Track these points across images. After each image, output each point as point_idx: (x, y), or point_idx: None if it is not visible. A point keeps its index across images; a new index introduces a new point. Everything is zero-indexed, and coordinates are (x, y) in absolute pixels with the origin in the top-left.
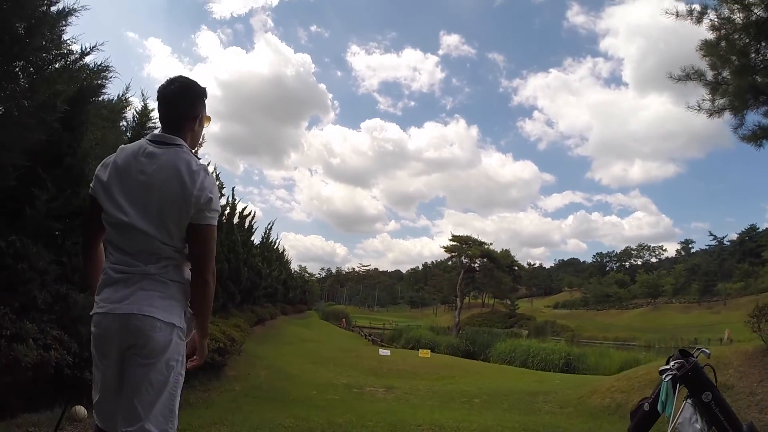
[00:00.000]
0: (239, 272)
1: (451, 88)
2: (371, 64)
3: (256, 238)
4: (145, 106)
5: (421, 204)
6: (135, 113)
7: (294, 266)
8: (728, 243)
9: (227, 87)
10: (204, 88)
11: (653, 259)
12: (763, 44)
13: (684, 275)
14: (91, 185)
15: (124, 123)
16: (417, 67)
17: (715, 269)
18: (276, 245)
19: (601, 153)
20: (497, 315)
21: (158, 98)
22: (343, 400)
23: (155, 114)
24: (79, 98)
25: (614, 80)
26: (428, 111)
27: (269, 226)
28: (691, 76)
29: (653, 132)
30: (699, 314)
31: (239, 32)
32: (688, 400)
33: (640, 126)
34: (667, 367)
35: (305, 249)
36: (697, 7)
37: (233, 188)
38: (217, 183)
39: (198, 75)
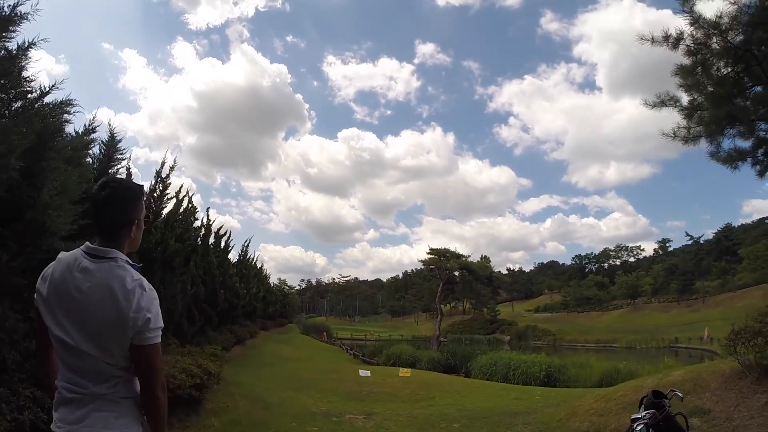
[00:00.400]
0: (216, 295)
1: (427, 96)
2: (347, 74)
3: (234, 254)
4: (111, 137)
5: (399, 212)
6: (102, 145)
7: (273, 279)
8: (704, 242)
9: (203, 98)
10: (140, 187)
11: (631, 259)
12: (740, 72)
13: (662, 275)
14: (35, 296)
15: (91, 157)
16: (393, 76)
17: (692, 268)
18: (254, 261)
19: (576, 156)
20: (478, 322)
21: (91, 204)
22: None
23: (123, 144)
24: (38, 144)
25: (588, 85)
26: (405, 119)
27: (246, 243)
28: (666, 102)
29: (627, 134)
30: (678, 313)
31: (215, 43)
32: None
33: (614, 129)
34: (639, 416)
35: (284, 260)
36: (673, 32)
37: (207, 209)
38: (192, 202)
39: (174, 86)
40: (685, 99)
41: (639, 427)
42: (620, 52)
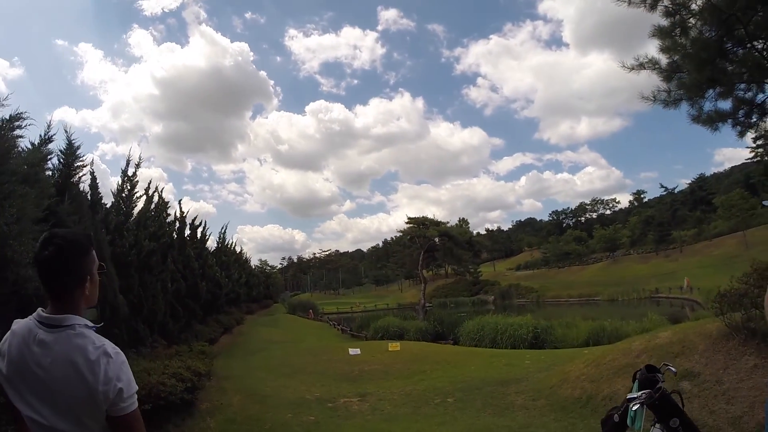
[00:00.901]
0: (197, 288)
1: (392, 63)
2: (310, 46)
3: (212, 241)
4: (69, 144)
5: (374, 181)
6: (60, 154)
7: (254, 260)
8: (679, 192)
9: (165, 84)
10: (88, 237)
11: (607, 212)
12: (723, 34)
13: (639, 227)
14: None
15: (50, 168)
16: (357, 45)
17: (668, 219)
18: (233, 246)
19: (547, 113)
20: (462, 284)
21: (35, 264)
22: (318, 423)
23: (83, 151)
24: None
25: (555, 42)
26: (372, 88)
27: (223, 230)
28: (644, 65)
29: (597, 89)
30: (657, 263)
31: (172, 27)
32: (657, 425)
33: (583, 84)
34: (635, 396)
35: (263, 240)
36: None
37: (180, 201)
38: (162, 197)
39: (134, 76)
40: (663, 61)
41: (635, 407)
42: (586, 7)
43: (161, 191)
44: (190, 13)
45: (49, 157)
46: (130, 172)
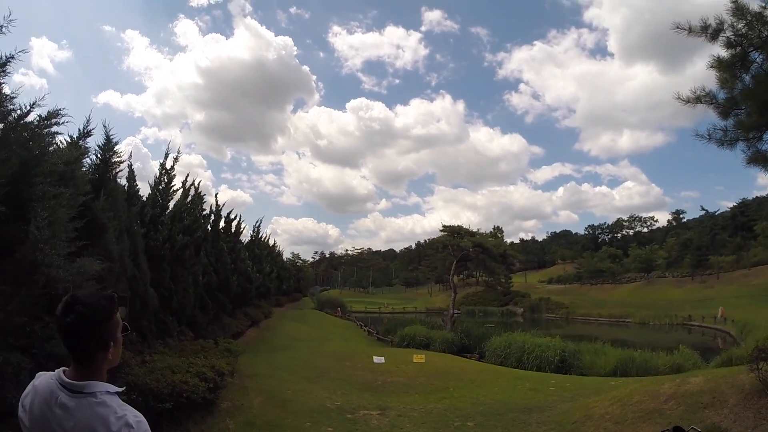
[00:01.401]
0: (228, 282)
1: (435, 64)
2: (353, 44)
3: (247, 232)
4: (108, 139)
5: (410, 181)
6: (97, 149)
7: (287, 253)
8: (719, 215)
9: (209, 75)
10: (111, 301)
11: (645, 230)
12: None
13: (677, 249)
14: (19, 420)
15: (87, 163)
16: (400, 45)
17: (707, 243)
18: (266, 239)
19: (588, 124)
20: (492, 293)
21: (57, 329)
22: None
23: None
24: (23, 171)
25: (599, 51)
26: (413, 88)
27: (258, 223)
28: (702, 99)
29: (641, 102)
30: (692, 288)
31: (218, 18)
32: None
33: (627, 96)
34: None
35: (297, 232)
36: (712, 23)
37: (216, 194)
38: (198, 190)
39: (178, 64)
40: (721, 95)
41: None
42: (632, 16)
43: (199, 184)
44: (236, 5)
45: (86, 153)
46: (168, 165)
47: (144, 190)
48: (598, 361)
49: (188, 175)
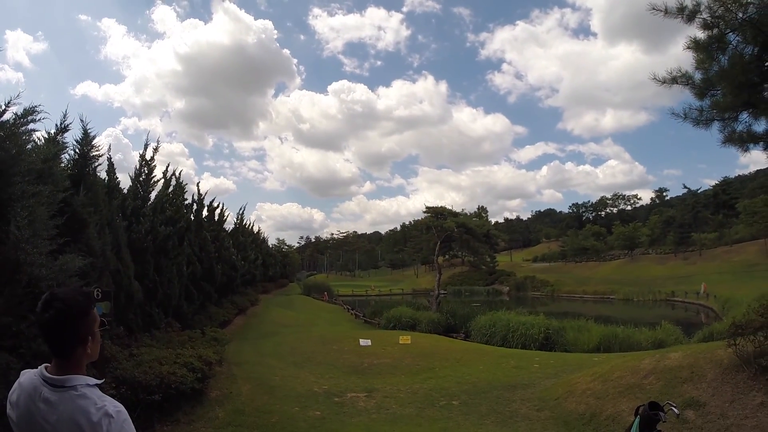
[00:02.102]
0: (213, 271)
1: (417, 45)
2: (334, 26)
3: (230, 220)
4: (85, 134)
5: (394, 163)
6: (75, 143)
7: (272, 239)
8: (702, 193)
9: (188, 61)
10: (88, 298)
11: (628, 208)
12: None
13: (659, 226)
14: (8, 417)
15: (66, 158)
16: (381, 26)
17: (689, 220)
18: (250, 226)
19: (572, 103)
20: (478, 273)
21: (37, 326)
22: (324, 419)
23: (96, 133)
24: (1, 171)
25: (583, 31)
26: (395, 69)
27: (241, 210)
28: (678, 79)
29: (624, 81)
30: (675, 265)
31: (195, 3)
32: None
33: (610, 76)
34: None
35: (282, 218)
36: (689, 4)
37: (198, 183)
38: (180, 181)
39: (157, 51)
40: (697, 76)
41: None
42: None
43: (180, 173)
44: None
45: (64, 149)
46: (148, 156)
47: (125, 182)
48: (582, 337)
49: (169, 164)
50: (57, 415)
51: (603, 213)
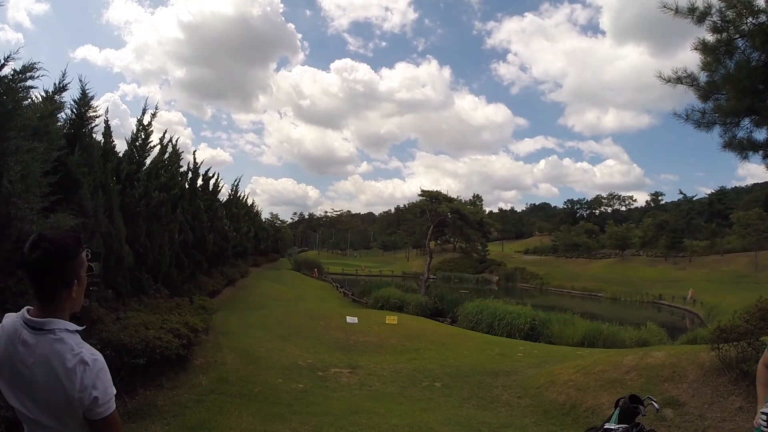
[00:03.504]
0: (205, 240)
1: (423, 29)
2: (341, 3)
3: (225, 191)
4: (83, 94)
5: (392, 146)
6: (73, 104)
7: (266, 213)
8: (697, 201)
9: (191, 29)
10: (76, 240)
11: (623, 209)
12: None
13: (652, 229)
14: None
15: (62, 118)
16: (389, 7)
17: (683, 226)
18: (245, 199)
19: (574, 100)
20: (468, 260)
21: (23, 266)
22: (306, 392)
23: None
24: None
25: (591, 28)
26: (400, 52)
27: (236, 182)
28: (682, 79)
29: (629, 82)
30: (665, 269)
31: None
32: None
33: (615, 75)
34: (612, 428)
35: (277, 193)
36: (700, 5)
37: (194, 151)
38: (176, 147)
39: (160, 18)
40: (702, 78)
41: None
42: None
43: (177, 140)
44: None
45: (62, 107)
46: (145, 121)
47: (121, 147)
48: (567, 331)
49: (166, 131)
50: (33, 359)
51: (597, 211)
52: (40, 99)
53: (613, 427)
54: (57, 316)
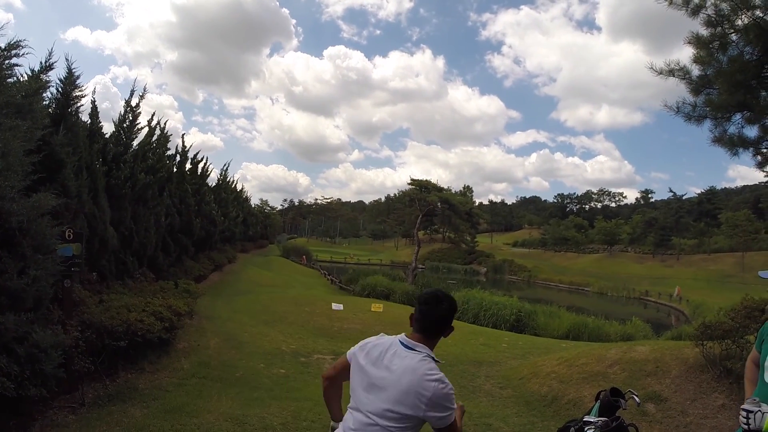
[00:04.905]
0: (191, 224)
1: (418, 18)
2: None
3: (214, 176)
4: (69, 73)
5: (384, 134)
6: (59, 83)
7: (255, 199)
8: (686, 200)
9: (184, 12)
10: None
11: (612, 205)
12: (763, 57)
13: (641, 226)
14: (351, 353)
15: (48, 97)
16: None
17: (671, 224)
18: (234, 184)
19: (568, 94)
20: (457, 251)
21: (422, 308)
22: (288, 377)
23: (84, 80)
24: None
25: (587, 23)
26: (394, 40)
27: (225, 167)
28: (675, 72)
29: (623, 79)
30: (652, 266)
31: None
32: None
33: (610, 72)
34: (591, 420)
35: (267, 179)
36: None
37: (183, 135)
38: (164, 130)
39: (152, 0)
40: (695, 72)
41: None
42: None
43: (165, 122)
44: None
45: (47, 86)
46: (133, 103)
47: (109, 129)
48: (552, 323)
49: (154, 113)
50: (402, 366)
51: (587, 206)
52: (26, 78)
53: (592, 420)
54: (428, 345)
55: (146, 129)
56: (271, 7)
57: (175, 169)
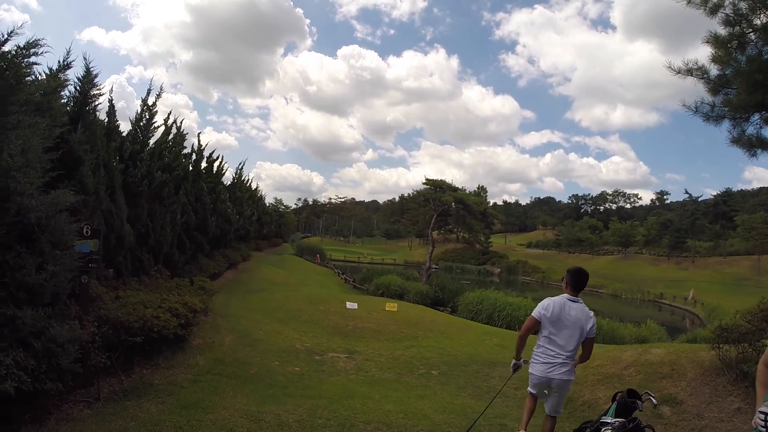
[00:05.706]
0: (207, 222)
1: (432, 18)
2: None
3: (229, 175)
4: (87, 71)
5: (398, 134)
6: (77, 81)
7: (270, 198)
8: (702, 202)
9: (198, 12)
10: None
11: (627, 206)
12: None
13: (656, 228)
14: (540, 312)
15: (66, 95)
16: None
17: (687, 226)
18: (248, 183)
19: (583, 94)
20: (471, 251)
21: (574, 275)
22: (302, 375)
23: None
24: None
25: (602, 22)
26: (408, 40)
27: (240, 166)
28: (693, 71)
29: (639, 79)
30: (667, 268)
31: None
32: None
33: (625, 71)
34: (609, 421)
35: (281, 178)
36: None
37: (198, 134)
38: (180, 128)
39: (167, 1)
40: (713, 72)
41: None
42: None
43: (181, 121)
44: None
45: (65, 84)
46: (150, 102)
47: (125, 128)
48: None
49: (170, 112)
50: (576, 312)
51: (602, 207)
52: (44, 76)
53: (609, 421)
54: (578, 297)
55: (162, 128)
56: (285, 7)
57: (191, 168)
